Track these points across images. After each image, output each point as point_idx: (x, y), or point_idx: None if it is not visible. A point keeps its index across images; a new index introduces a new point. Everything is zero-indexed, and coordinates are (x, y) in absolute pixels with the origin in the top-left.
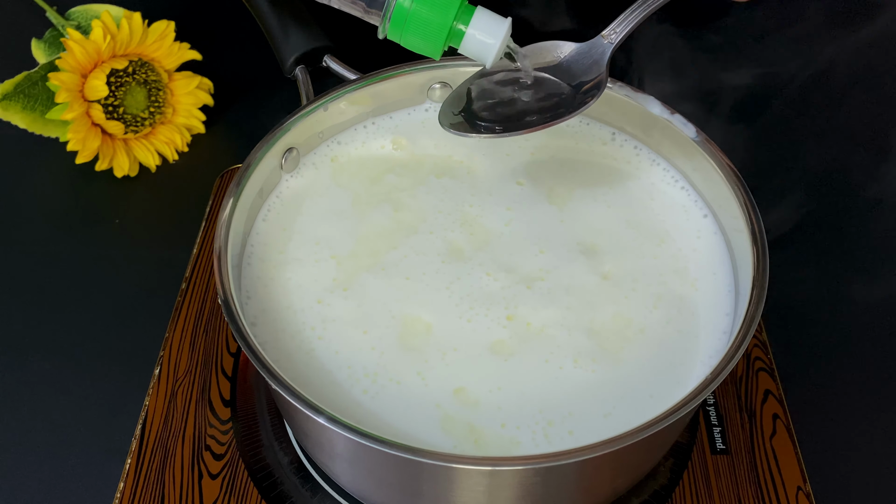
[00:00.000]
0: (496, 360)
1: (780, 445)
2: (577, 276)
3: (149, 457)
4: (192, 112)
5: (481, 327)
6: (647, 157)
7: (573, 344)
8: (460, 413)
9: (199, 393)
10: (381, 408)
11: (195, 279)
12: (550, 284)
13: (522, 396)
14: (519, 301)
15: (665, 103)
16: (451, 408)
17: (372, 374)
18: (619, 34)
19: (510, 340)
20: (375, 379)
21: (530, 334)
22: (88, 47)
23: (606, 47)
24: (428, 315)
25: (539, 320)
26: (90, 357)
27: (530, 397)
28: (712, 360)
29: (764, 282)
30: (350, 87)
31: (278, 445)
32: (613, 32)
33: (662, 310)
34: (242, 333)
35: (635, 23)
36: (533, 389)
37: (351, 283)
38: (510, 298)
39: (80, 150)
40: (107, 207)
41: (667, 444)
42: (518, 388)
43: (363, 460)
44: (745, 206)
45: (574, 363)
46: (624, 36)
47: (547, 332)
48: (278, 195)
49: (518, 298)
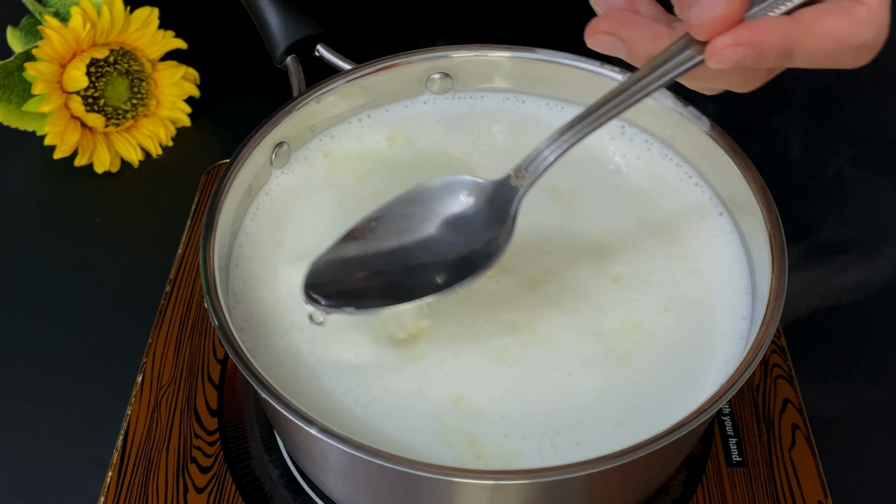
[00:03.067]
0: (499, 367)
1: (800, 457)
2: (584, 278)
3: (131, 469)
4: (176, 104)
5: (482, 333)
6: (659, 153)
7: (582, 349)
8: (461, 423)
9: (184, 402)
10: (376, 418)
11: (180, 281)
12: (556, 287)
13: (528, 405)
14: (523, 305)
15: (678, 96)
16: (450, 418)
17: (366, 382)
18: (531, 178)
19: (514, 346)
20: (369, 388)
21: (535, 339)
22: (67, 35)
23: (514, 193)
24: (425, 321)
25: (545, 325)
26: (68, 364)
27: (536, 406)
28: (728, 366)
29: (783, 283)
30: (344, 78)
31: (268, 457)
32: (523, 174)
33: (674, 313)
34: (230, 339)
35: (551, 162)
36: (539, 397)
37: None
38: (513, 302)
39: (59, 144)
40: (86, 205)
41: (680, 457)
42: (523, 396)
43: (358, 473)
44: (763, 204)
45: (583, 369)
46: (537, 179)
47: (553, 337)
48: (268, 192)
49: (522, 302)
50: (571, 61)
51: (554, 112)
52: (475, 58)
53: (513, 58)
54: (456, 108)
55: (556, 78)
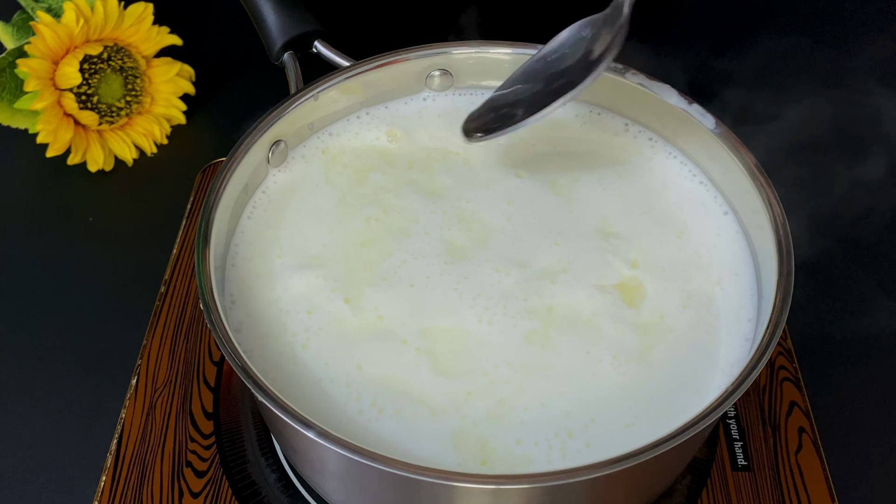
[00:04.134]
0: (518, 364)
1: (807, 461)
2: (603, 266)
3: (125, 474)
4: (171, 101)
5: (507, 327)
6: (663, 150)
7: (614, 338)
8: (471, 425)
9: (179, 405)
10: (377, 422)
11: (175, 282)
12: (576, 275)
13: (547, 401)
14: (544, 293)
15: (683, 92)
16: (462, 421)
17: (363, 382)
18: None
19: (536, 339)
20: (368, 388)
21: (556, 333)
22: (60, 31)
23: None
24: (441, 320)
25: (565, 316)
26: (61, 366)
27: (555, 402)
28: (734, 368)
29: (789, 285)
30: (342, 75)
31: (265, 462)
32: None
33: (692, 309)
34: (226, 341)
35: None
36: (558, 395)
37: (345, 286)
38: (532, 293)
39: (51, 142)
40: (80, 204)
41: (684, 461)
42: (541, 391)
43: (356, 477)
44: (769, 204)
45: (613, 359)
46: None
47: (587, 325)
48: (265, 191)
49: (542, 292)
50: None
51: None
52: (475, 54)
53: (513, 54)
54: (456, 104)
55: None
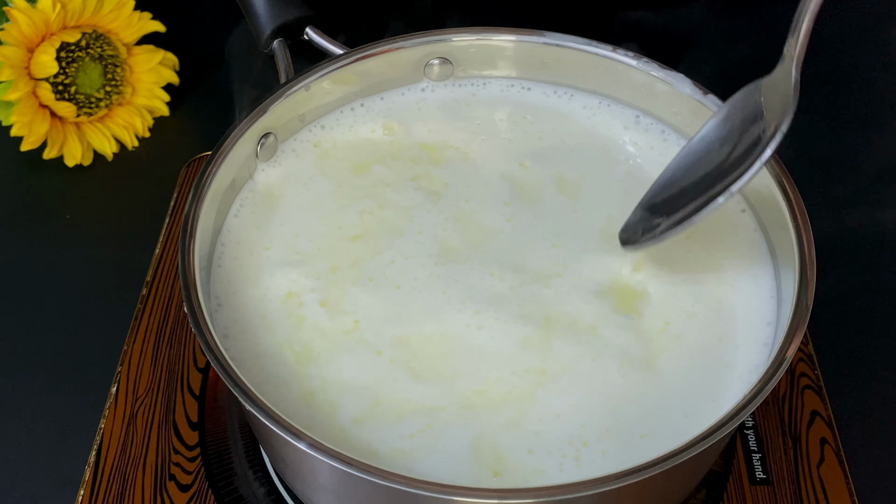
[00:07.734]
0: (520, 373)
1: (829, 474)
2: (599, 271)
3: (104, 488)
4: (154, 92)
5: (499, 334)
6: (676, 143)
7: (617, 346)
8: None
9: (162, 414)
10: (367, 432)
11: (157, 284)
12: (572, 281)
13: (560, 412)
14: (537, 301)
15: (697, 82)
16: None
17: (361, 393)
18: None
19: (533, 346)
20: (361, 396)
21: (557, 340)
22: (35, 17)
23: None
24: (430, 326)
25: (564, 323)
26: (37, 373)
27: (567, 413)
28: (751, 375)
29: (811, 287)
30: (335, 64)
31: (253, 475)
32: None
33: (702, 313)
34: (211, 347)
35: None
36: (565, 404)
37: (332, 291)
38: (527, 298)
39: (26, 135)
40: (56, 201)
41: (699, 474)
42: (542, 399)
43: (350, 491)
44: (790, 200)
45: (620, 366)
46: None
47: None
48: (253, 187)
49: (537, 297)
50: (581, 45)
51: (562, 100)
52: (477, 42)
53: (518, 41)
54: (457, 95)
55: (564, 63)
